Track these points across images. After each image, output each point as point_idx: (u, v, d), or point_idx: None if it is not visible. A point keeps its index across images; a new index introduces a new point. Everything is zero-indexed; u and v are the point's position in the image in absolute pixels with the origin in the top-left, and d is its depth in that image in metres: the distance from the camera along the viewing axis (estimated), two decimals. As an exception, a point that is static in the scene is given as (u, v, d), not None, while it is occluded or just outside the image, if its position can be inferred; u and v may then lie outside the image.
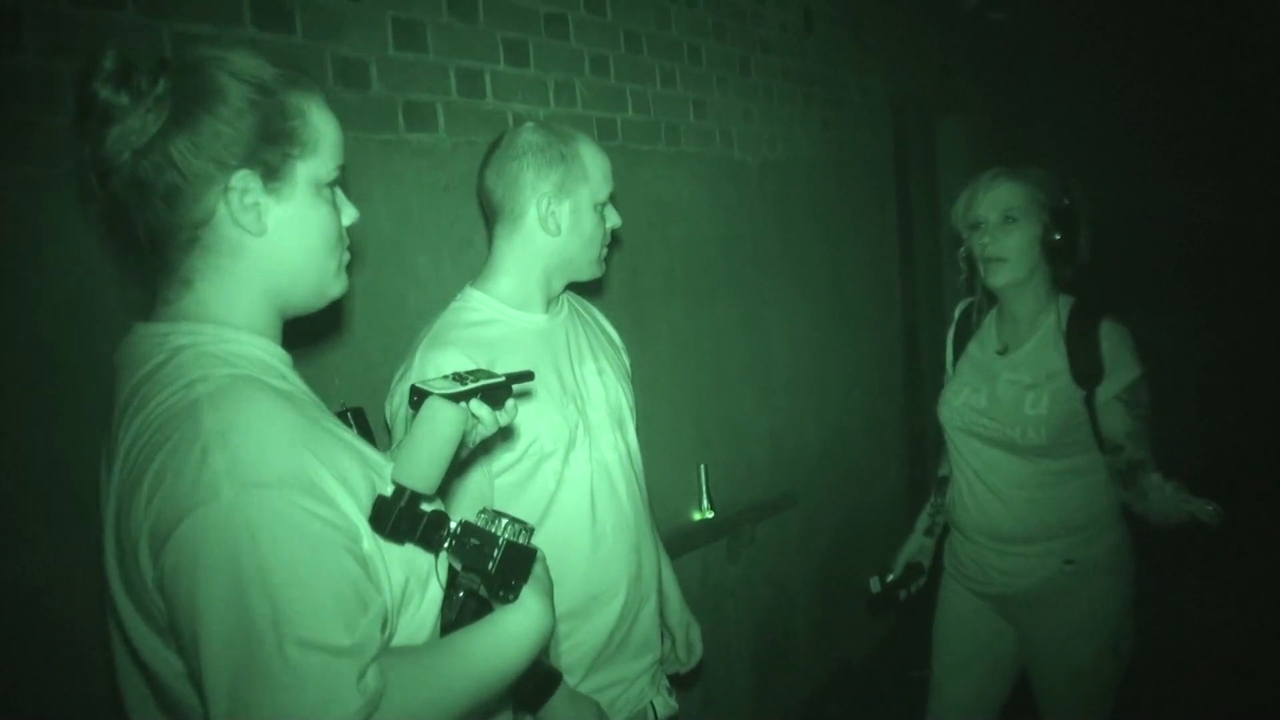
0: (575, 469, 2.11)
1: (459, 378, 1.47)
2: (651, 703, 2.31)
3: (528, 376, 1.47)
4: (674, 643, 2.50)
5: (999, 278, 2.66)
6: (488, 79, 2.74)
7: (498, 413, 1.51)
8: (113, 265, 1.86)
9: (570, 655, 2.12)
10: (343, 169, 1.38)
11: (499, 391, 1.50)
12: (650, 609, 2.28)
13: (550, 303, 2.19)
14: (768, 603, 4.04)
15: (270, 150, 1.27)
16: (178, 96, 1.22)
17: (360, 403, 1.63)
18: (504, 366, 1.95)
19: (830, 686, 4.31)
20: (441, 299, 2.23)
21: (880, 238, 4.97)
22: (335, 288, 1.42)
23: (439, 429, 1.30)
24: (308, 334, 2.27)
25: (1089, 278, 2.73)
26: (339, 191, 1.40)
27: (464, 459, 1.52)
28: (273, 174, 1.28)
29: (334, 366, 2.33)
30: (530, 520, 2.00)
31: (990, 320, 2.84)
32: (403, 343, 2.16)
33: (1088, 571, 2.64)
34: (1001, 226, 2.63)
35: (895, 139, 5.24)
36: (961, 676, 2.87)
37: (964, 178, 2.87)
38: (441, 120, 2.62)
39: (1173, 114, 6.19)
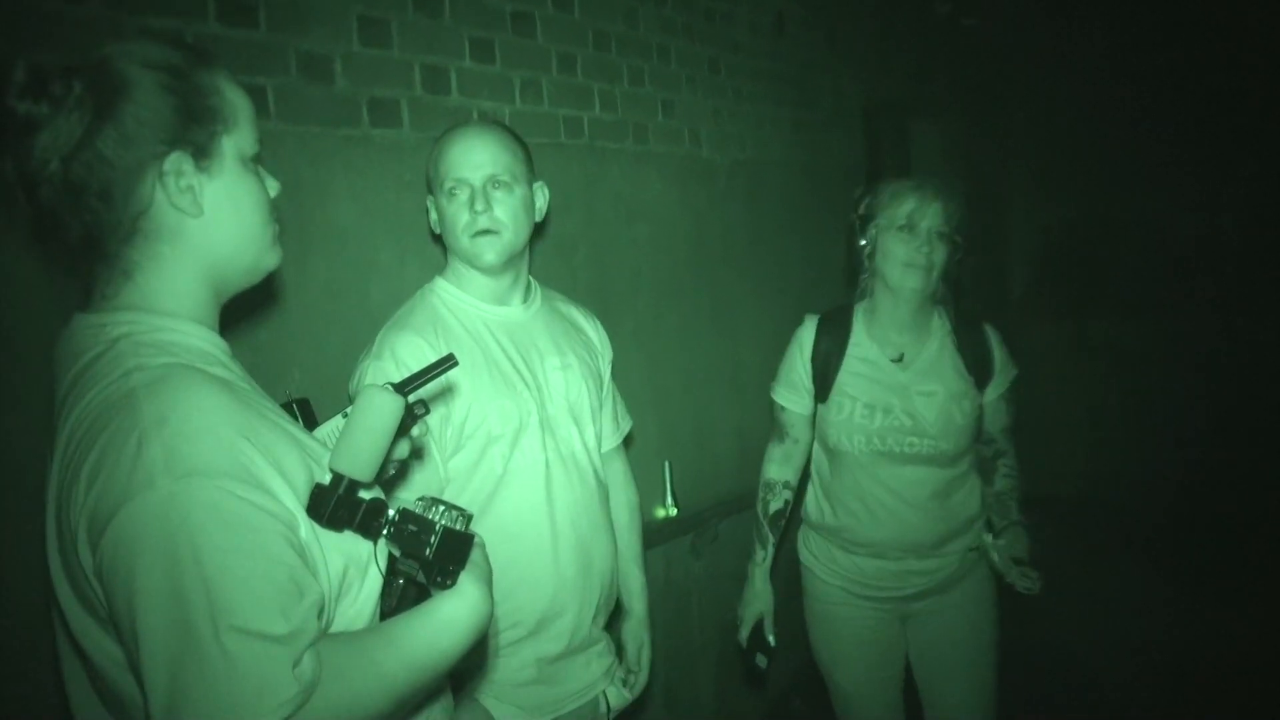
0: (526, 456, 2.16)
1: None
2: (604, 692, 2.36)
3: (450, 363, 1.48)
4: (625, 654, 2.52)
5: (917, 282, 2.63)
6: (453, 76, 2.76)
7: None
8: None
9: (510, 632, 2.17)
10: (261, 142, 1.40)
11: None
12: (605, 602, 2.34)
13: (506, 294, 2.25)
14: (733, 599, 4.05)
15: (196, 129, 1.29)
16: (95, 95, 1.22)
17: (320, 394, 1.65)
18: (456, 349, 2.01)
19: (795, 684, 4.33)
20: (405, 293, 2.27)
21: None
22: (271, 259, 1.44)
23: (376, 418, 1.30)
24: (268, 325, 2.30)
25: (961, 285, 2.79)
26: (259, 166, 1.41)
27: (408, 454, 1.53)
28: (202, 152, 1.30)
29: (294, 359, 2.35)
30: (477, 503, 2.07)
31: (861, 331, 2.79)
32: (365, 335, 2.18)
33: (981, 553, 2.78)
34: (935, 239, 2.62)
35: (868, 142, 5.27)
36: (874, 681, 2.89)
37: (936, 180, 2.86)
38: (406, 116, 2.64)
39: (1146, 120, 6.23)
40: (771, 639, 2.87)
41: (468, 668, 2.08)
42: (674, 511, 3.60)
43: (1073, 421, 6.46)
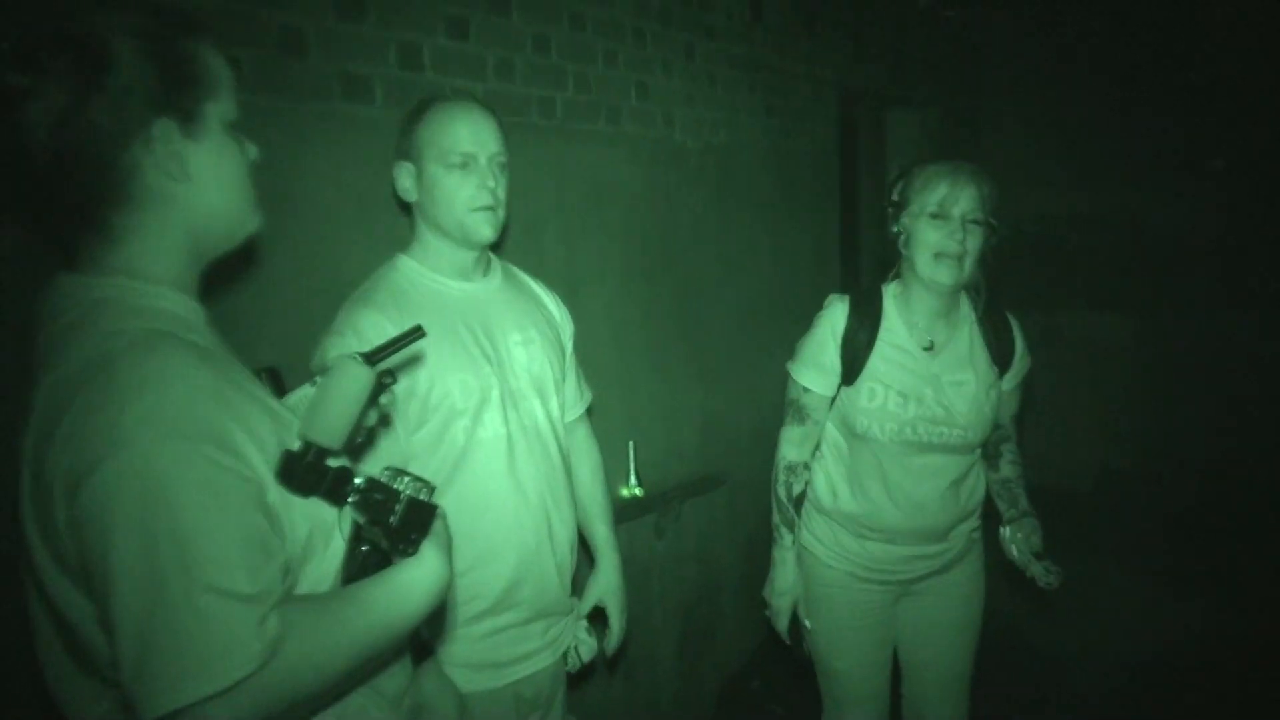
0: (489, 429, 2.20)
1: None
2: (574, 647, 2.45)
3: (418, 334, 1.52)
4: (599, 607, 2.56)
5: (950, 277, 2.59)
6: (426, 53, 2.77)
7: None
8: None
9: (472, 604, 2.22)
10: (241, 108, 1.43)
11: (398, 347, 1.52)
12: (565, 570, 2.39)
13: (469, 270, 2.28)
14: (695, 580, 4.11)
15: (181, 96, 1.32)
16: (84, 65, 1.25)
17: (289, 366, 1.67)
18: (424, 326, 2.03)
19: (755, 663, 4.39)
20: (373, 267, 2.28)
21: (823, 226, 5.04)
22: (253, 223, 1.49)
23: (346, 387, 1.36)
24: (238, 297, 2.31)
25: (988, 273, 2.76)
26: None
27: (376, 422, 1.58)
28: (188, 118, 1.33)
29: (262, 331, 2.36)
30: (440, 477, 2.11)
31: (893, 316, 2.73)
32: (333, 309, 2.20)
33: (981, 532, 2.89)
34: (969, 226, 2.57)
35: (843, 130, 5.30)
36: (870, 663, 2.93)
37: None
38: (379, 93, 2.65)
39: (1123, 115, 6.28)
40: (808, 623, 2.86)
41: (432, 635, 2.12)
42: (638, 491, 3.63)
43: (1036, 412, 6.53)
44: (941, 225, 2.57)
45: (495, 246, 2.37)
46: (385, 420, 1.86)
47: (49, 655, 1.35)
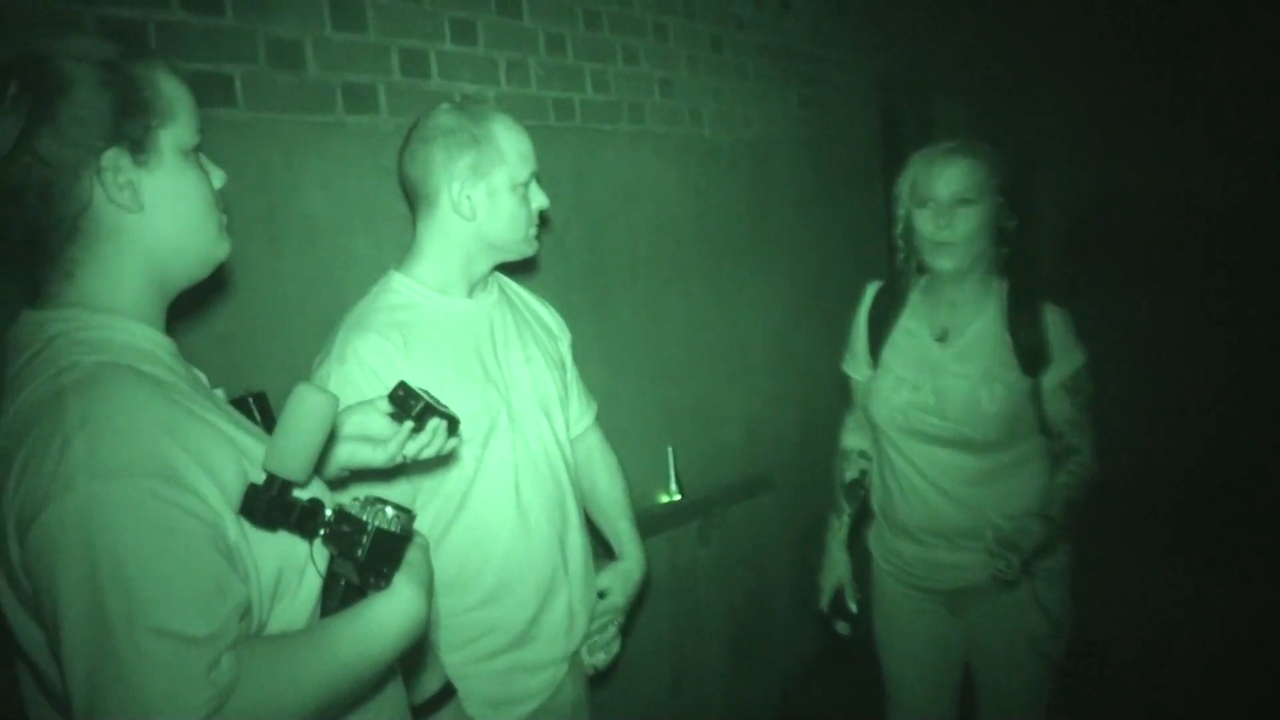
0: (496, 456, 2.09)
1: (405, 395, 1.54)
2: (589, 650, 2.36)
3: (454, 422, 1.58)
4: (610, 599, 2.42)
5: (946, 262, 2.49)
6: (433, 59, 2.71)
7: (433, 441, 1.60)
8: None
9: (489, 639, 2.12)
10: (202, 133, 1.39)
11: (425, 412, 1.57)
12: (577, 597, 2.27)
13: (475, 286, 2.17)
14: (744, 585, 4.02)
15: (131, 124, 1.28)
16: (31, 94, 1.22)
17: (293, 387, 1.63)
18: (421, 350, 1.97)
19: (816, 669, 4.29)
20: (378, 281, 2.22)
21: (864, 217, 4.89)
22: (220, 251, 1.44)
23: (306, 417, 1.30)
24: (237, 318, 2.27)
25: (1024, 259, 2.64)
26: (204, 156, 1.41)
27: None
28: (139, 147, 1.29)
29: (266, 352, 2.31)
30: (448, 510, 2.03)
31: (916, 303, 2.68)
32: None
33: (1066, 558, 2.64)
34: (954, 208, 2.46)
35: (884, 117, 5.18)
36: (920, 670, 2.82)
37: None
38: (383, 101, 2.59)
39: (1175, 91, 6.12)
40: (853, 606, 2.84)
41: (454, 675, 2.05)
42: (678, 497, 3.55)
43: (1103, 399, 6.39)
44: (929, 214, 2.50)
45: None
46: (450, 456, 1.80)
47: (29, 696, 1.33)
